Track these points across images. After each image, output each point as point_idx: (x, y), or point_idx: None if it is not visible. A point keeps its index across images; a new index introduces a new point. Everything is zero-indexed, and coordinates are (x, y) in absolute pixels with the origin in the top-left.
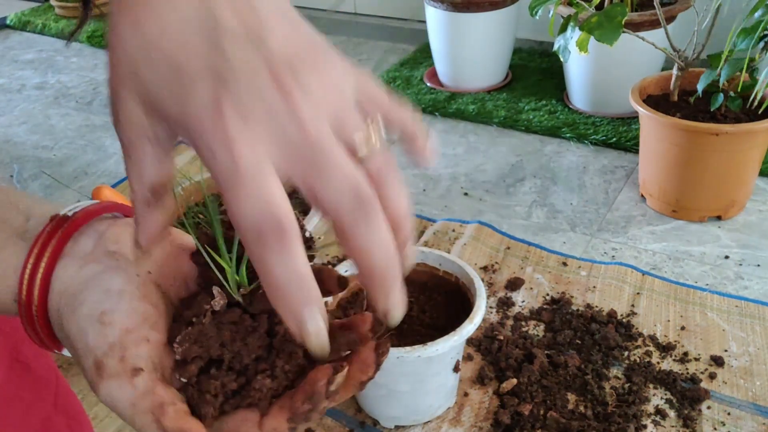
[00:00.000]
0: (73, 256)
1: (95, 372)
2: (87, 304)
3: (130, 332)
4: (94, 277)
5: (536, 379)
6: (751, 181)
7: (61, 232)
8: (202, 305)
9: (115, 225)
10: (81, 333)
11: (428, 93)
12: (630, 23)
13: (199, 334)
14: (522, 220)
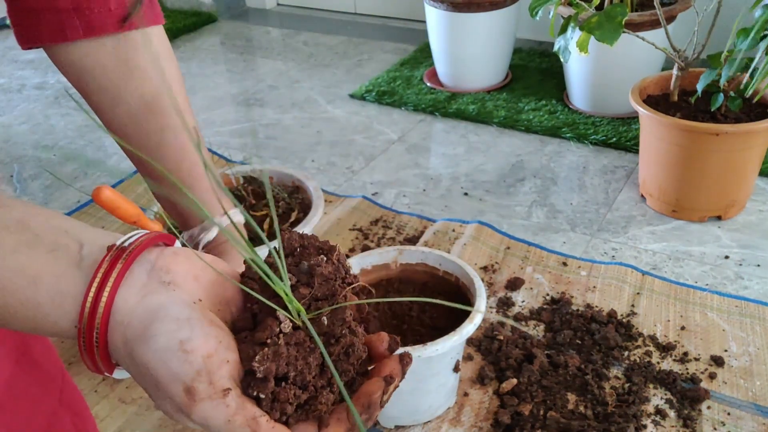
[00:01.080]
0: (130, 286)
1: (186, 397)
2: (163, 335)
3: (212, 356)
4: (160, 308)
5: (536, 379)
6: (751, 181)
7: (121, 264)
8: (273, 327)
9: (162, 255)
10: (162, 363)
11: (428, 93)
12: (630, 23)
13: (275, 354)
14: (522, 220)
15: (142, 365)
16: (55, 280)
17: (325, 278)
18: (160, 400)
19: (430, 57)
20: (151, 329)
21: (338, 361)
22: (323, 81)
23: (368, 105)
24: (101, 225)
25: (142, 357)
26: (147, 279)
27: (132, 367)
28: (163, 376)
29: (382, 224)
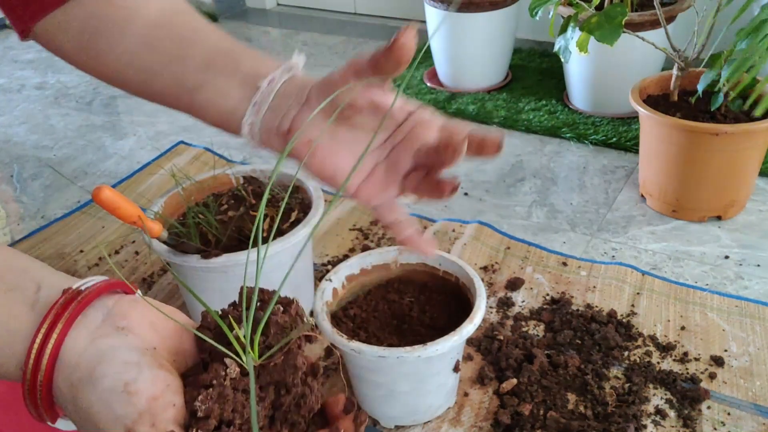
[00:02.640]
0: (82, 328)
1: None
2: (109, 377)
3: (157, 399)
4: (110, 350)
5: (536, 379)
6: (751, 181)
7: (75, 305)
8: (219, 371)
9: (121, 302)
10: (105, 405)
11: (428, 93)
12: (630, 23)
13: (219, 396)
14: (522, 220)
15: (84, 409)
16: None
17: (280, 327)
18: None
19: (430, 57)
20: (97, 371)
21: (289, 411)
22: None
23: None
24: (101, 225)
25: (85, 399)
26: (101, 323)
27: (74, 413)
28: (105, 418)
29: (382, 224)
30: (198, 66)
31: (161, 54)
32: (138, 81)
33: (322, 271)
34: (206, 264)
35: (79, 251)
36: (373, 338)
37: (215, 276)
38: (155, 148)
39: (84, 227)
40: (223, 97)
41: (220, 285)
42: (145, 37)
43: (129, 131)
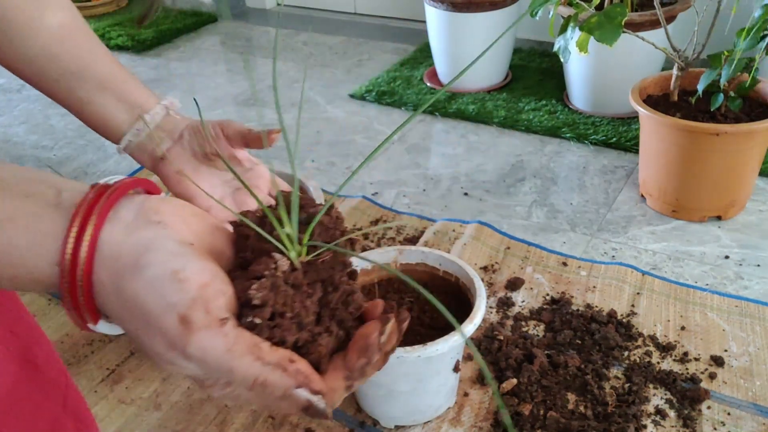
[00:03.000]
0: (116, 222)
1: (182, 327)
2: (155, 265)
3: (207, 286)
4: (152, 240)
5: (536, 379)
6: (751, 181)
7: (105, 199)
8: (269, 263)
9: (150, 198)
10: (155, 293)
11: (428, 93)
12: (630, 23)
13: (272, 286)
14: (522, 220)
15: (131, 299)
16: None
17: (325, 227)
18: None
19: (430, 57)
20: (142, 260)
21: (337, 308)
22: (323, 81)
23: (368, 105)
24: None
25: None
26: (134, 218)
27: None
28: (155, 307)
29: (382, 224)
30: (93, 86)
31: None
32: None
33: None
34: None
35: None
36: None
37: None
38: None
39: None
40: (111, 116)
41: None
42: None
43: None
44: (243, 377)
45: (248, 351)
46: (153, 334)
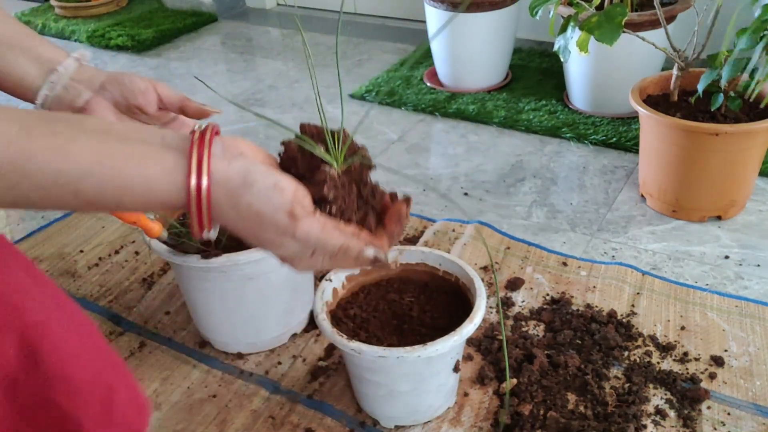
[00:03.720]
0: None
1: (290, 219)
2: (259, 181)
3: (297, 190)
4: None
5: (536, 379)
6: (751, 181)
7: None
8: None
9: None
10: (264, 200)
11: (428, 93)
12: (630, 23)
13: (334, 186)
14: (522, 220)
15: (246, 208)
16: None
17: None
18: (264, 232)
19: (430, 57)
20: (248, 178)
21: (368, 198)
22: (323, 81)
23: (368, 105)
24: (101, 225)
25: (245, 200)
26: (222, 153)
27: (235, 213)
28: (267, 209)
29: None
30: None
31: None
32: None
33: (322, 270)
34: (206, 264)
35: (79, 251)
36: (373, 338)
37: (215, 276)
38: None
39: (84, 227)
40: (23, 73)
41: (220, 285)
42: None
43: None
44: (332, 246)
45: (334, 228)
46: (266, 229)
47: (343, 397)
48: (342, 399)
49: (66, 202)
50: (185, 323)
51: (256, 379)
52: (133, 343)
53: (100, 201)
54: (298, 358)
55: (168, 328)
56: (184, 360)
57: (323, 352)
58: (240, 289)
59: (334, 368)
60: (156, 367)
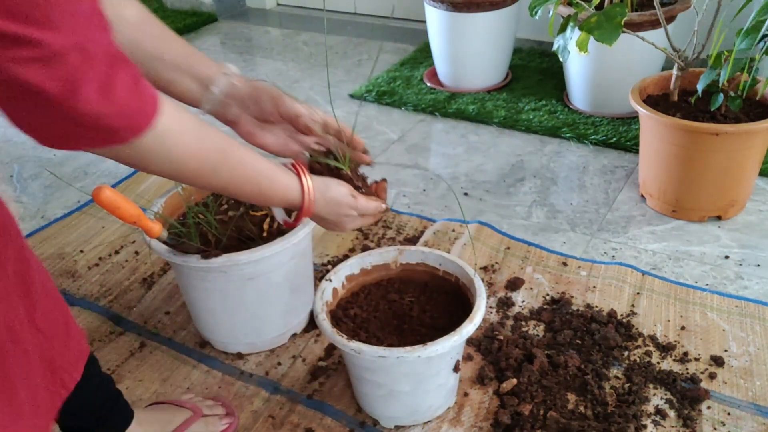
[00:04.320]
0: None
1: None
2: (331, 184)
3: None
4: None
5: (536, 379)
6: (751, 181)
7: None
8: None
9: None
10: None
11: (428, 93)
12: (630, 23)
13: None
14: (522, 220)
15: (330, 198)
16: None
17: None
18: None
19: (430, 57)
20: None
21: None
22: (323, 81)
23: (368, 105)
24: (101, 225)
25: (330, 194)
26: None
27: (324, 201)
28: (341, 197)
29: (382, 224)
30: (170, 66)
31: (144, 52)
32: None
33: (322, 271)
34: (206, 264)
35: (79, 251)
36: (373, 338)
37: (215, 276)
38: None
39: (84, 227)
40: (186, 89)
41: (220, 285)
42: (131, 36)
43: None
44: (374, 212)
45: (368, 199)
46: (341, 207)
47: (343, 397)
48: (342, 399)
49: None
50: (185, 323)
51: (256, 380)
52: (133, 343)
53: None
54: (298, 358)
55: (168, 328)
56: (184, 360)
57: (323, 352)
58: (240, 289)
59: (334, 368)
60: (156, 368)
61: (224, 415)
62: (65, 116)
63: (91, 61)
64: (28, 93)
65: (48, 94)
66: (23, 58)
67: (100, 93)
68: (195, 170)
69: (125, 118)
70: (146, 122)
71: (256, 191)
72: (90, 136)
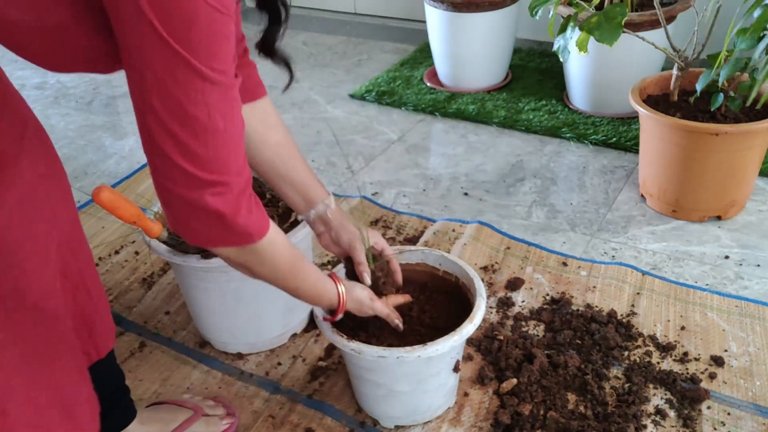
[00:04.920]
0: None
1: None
2: (355, 288)
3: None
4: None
5: (536, 379)
6: (751, 181)
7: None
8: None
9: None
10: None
11: (428, 93)
12: (630, 23)
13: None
14: (522, 220)
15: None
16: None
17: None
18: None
19: (430, 57)
20: (353, 287)
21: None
22: (323, 81)
23: (368, 105)
24: (101, 225)
25: (355, 297)
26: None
27: (351, 300)
28: (363, 298)
29: (382, 224)
30: (289, 184)
31: (274, 171)
32: (260, 174)
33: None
34: (206, 264)
35: None
36: (373, 338)
37: (215, 276)
38: None
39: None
40: (292, 201)
41: (220, 285)
42: (268, 158)
43: (129, 131)
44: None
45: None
46: (363, 305)
47: (343, 397)
48: (342, 399)
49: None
50: (185, 323)
51: (256, 380)
52: (133, 343)
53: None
54: (298, 358)
55: (168, 328)
56: (184, 360)
57: (323, 352)
58: (240, 289)
59: (334, 368)
60: (156, 368)
61: (225, 416)
62: (227, 227)
63: (244, 190)
64: (210, 213)
65: (223, 213)
66: (211, 192)
67: (248, 210)
68: (284, 272)
69: (256, 227)
70: (266, 229)
71: (314, 296)
72: (234, 239)
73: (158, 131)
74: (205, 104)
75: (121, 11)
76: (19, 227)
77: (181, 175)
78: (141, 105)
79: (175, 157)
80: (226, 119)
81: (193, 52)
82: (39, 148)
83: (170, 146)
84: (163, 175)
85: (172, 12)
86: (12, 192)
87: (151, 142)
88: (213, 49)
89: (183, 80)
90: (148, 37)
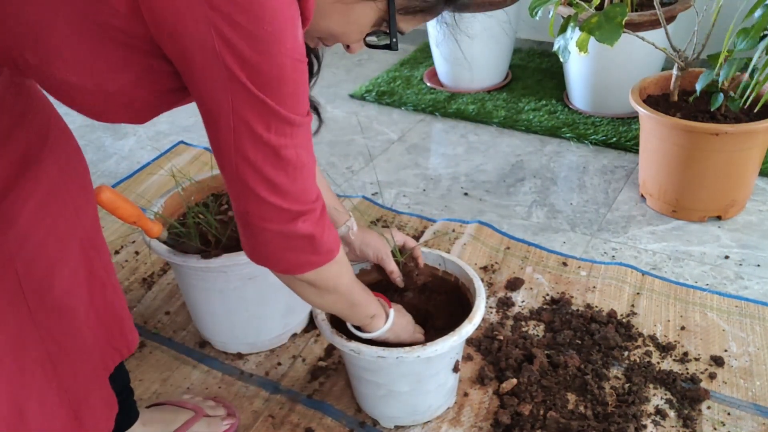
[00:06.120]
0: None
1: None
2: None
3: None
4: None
5: (536, 379)
6: (751, 181)
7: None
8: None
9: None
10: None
11: (428, 93)
12: (630, 23)
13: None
14: (522, 220)
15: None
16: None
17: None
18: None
19: (430, 57)
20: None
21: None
22: (323, 81)
23: (368, 105)
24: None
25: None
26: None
27: (399, 324)
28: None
29: (382, 224)
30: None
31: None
32: None
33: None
34: (206, 264)
35: None
36: None
37: (215, 276)
38: (155, 149)
39: None
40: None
41: (220, 285)
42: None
43: (129, 131)
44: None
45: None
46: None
47: (343, 397)
48: (342, 399)
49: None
50: (185, 323)
51: (256, 380)
52: None
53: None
54: (298, 358)
55: (168, 328)
56: (184, 360)
57: (323, 352)
58: (240, 289)
59: (334, 368)
60: (156, 368)
61: (226, 416)
62: (315, 248)
63: (324, 210)
64: (303, 238)
65: (312, 234)
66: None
67: (328, 228)
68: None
69: (336, 242)
70: (339, 243)
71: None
72: (321, 259)
73: (252, 178)
74: (294, 146)
75: (206, 74)
76: (44, 224)
77: (276, 213)
78: (233, 158)
79: (269, 198)
80: (308, 153)
81: (283, 104)
82: (63, 147)
83: (263, 189)
84: (258, 216)
85: (261, 70)
86: (38, 190)
87: (243, 189)
88: (299, 95)
89: (276, 129)
90: (240, 96)
